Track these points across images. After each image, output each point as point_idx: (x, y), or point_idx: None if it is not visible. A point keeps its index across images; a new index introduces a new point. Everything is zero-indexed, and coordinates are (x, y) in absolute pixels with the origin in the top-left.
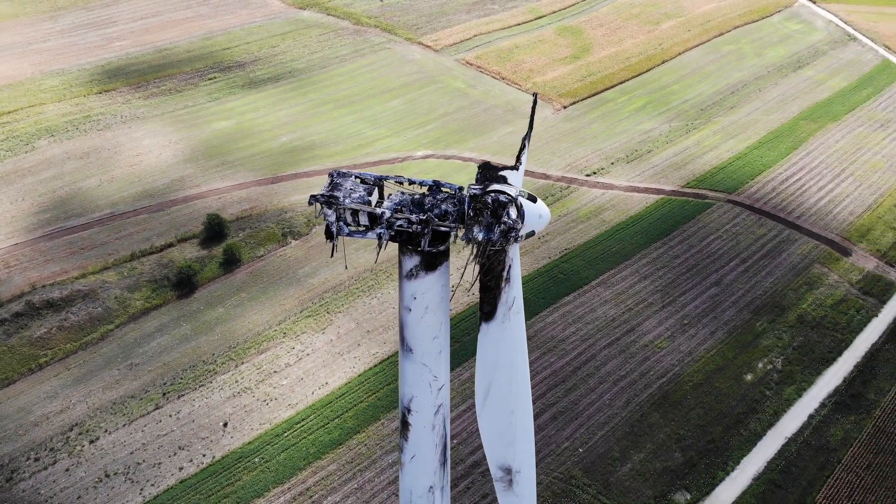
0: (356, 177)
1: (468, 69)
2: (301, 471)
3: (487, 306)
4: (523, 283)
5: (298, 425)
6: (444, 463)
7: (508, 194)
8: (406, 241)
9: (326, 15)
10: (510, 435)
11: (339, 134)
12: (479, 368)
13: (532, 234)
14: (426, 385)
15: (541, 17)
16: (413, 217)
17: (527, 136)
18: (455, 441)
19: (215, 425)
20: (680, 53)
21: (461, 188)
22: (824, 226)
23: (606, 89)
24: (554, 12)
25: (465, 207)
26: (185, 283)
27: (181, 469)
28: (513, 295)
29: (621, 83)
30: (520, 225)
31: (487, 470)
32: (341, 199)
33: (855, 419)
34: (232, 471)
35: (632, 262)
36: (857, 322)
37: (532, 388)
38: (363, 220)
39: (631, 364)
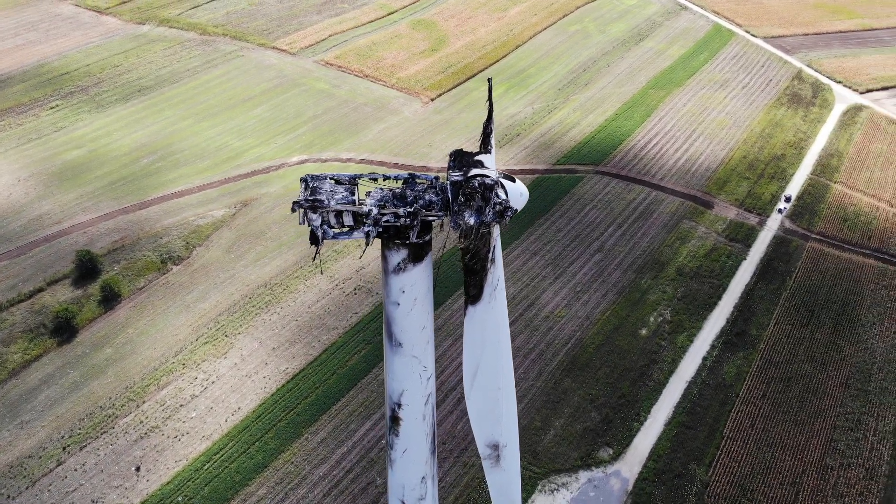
0: (330, 178)
1: (329, 70)
2: (229, 501)
3: (474, 289)
4: None
5: (217, 456)
6: (433, 452)
7: (491, 177)
8: (393, 235)
9: (169, 28)
10: (498, 411)
11: (204, 149)
12: (467, 351)
13: (515, 212)
14: (416, 377)
15: (393, 13)
16: (401, 211)
17: (489, 120)
18: (384, 441)
19: (127, 471)
20: (531, 37)
21: (437, 177)
22: (686, 183)
23: (468, 79)
24: (405, 7)
25: (450, 195)
26: (63, 328)
27: None
28: (497, 275)
29: (481, 71)
30: (510, 203)
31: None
32: (326, 202)
33: (743, 355)
34: None
35: (521, 240)
36: (729, 267)
37: (451, 375)
38: (347, 220)
39: (537, 336)
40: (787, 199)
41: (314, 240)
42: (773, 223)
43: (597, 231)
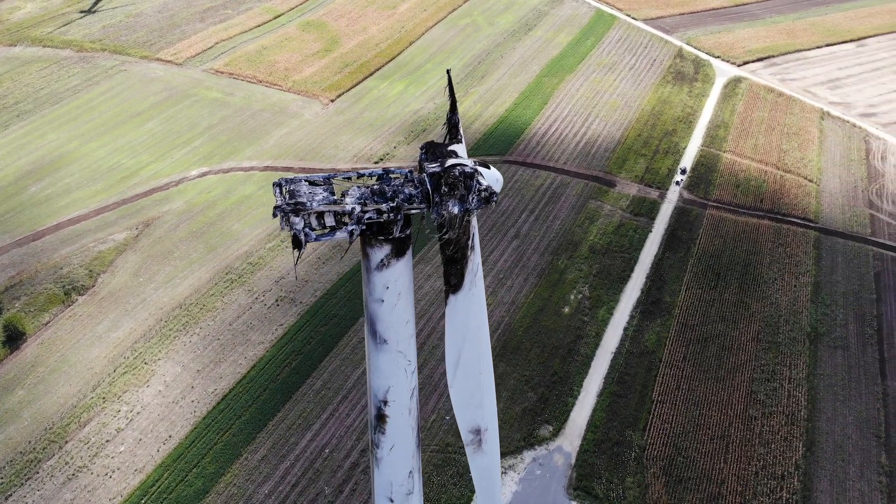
0: (305, 180)
1: (220, 78)
2: None
3: (455, 278)
4: (345, 284)
5: (153, 488)
6: (418, 445)
7: (469, 165)
8: (376, 232)
9: (42, 47)
10: (479, 397)
11: (95, 171)
12: (450, 341)
13: (497, 196)
14: (402, 371)
15: (280, 16)
16: (384, 207)
17: (453, 111)
18: (327, 451)
19: None
20: (423, 33)
21: (411, 171)
22: (588, 165)
23: (366, 78)
24: (292, 9)
25: (429, 186)
26: None
27: None
28: (477, 262)
29: (378, 69)
30: (493, 189)
31: None
32: (308, 204)
33: (661, 321)
34: None
35: None
36: (637, 240)
37: None
38: (329, 221)
39: None
40: (683, 171)
41: (297, 244)
42: (673, 195)
43: (511, 218)
